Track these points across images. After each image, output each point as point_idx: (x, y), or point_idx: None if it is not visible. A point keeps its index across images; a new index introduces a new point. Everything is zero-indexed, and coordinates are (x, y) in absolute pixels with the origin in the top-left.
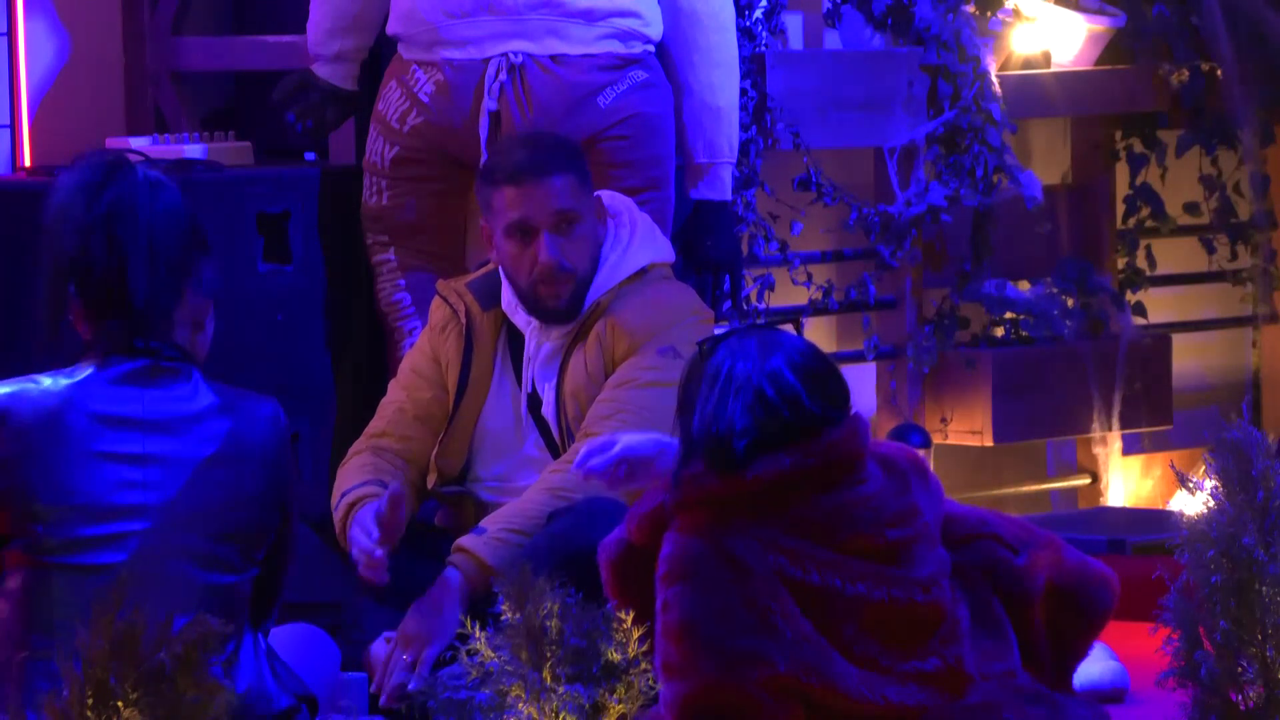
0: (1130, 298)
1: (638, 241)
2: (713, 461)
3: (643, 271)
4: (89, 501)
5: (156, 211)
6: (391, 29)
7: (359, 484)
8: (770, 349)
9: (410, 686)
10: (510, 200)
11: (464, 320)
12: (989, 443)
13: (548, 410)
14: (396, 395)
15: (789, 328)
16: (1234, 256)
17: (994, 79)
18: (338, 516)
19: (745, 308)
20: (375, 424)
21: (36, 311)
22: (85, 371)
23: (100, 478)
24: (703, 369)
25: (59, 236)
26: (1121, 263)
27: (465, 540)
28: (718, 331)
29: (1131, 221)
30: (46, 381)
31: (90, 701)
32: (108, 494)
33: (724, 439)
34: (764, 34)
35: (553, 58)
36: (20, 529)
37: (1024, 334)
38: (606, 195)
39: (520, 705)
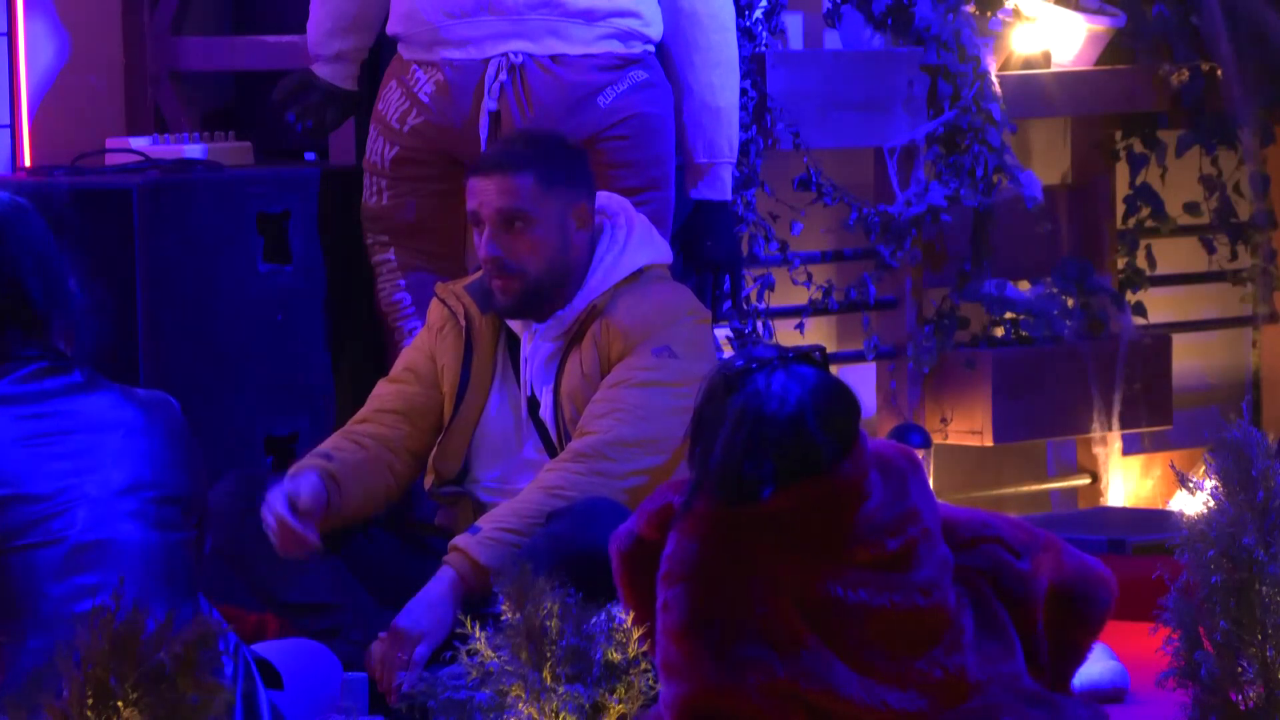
0: (1130, 298)
1: (634, 243)
2: (726, 495)
3: (639, 273)
4: (28, 489)
5: (35, 232)
6: (391, 29)
7: (309, 454)
8: (794, 392)
9: (404, 685)
10: (470, 190)
11: (463, 323)
12: (989, 443)
13: (545, 413)
14: (383, 388)
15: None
16: (1234, 256)
17: (994, 79)
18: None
19: (745, 308)
20: (359, 414)
21: None
22: None
23: (30, 462)
24: (725, 404)
25: None
26: (1121, 263)
27: (460, 539)
28: (717, 332)
29: (1131, 221)
30: None
31: (90, 701)
32: (42, 476)
33: (743, 480)
34: (764, 34)
35: (553, 58)
36: None
37: (1024, 334)
38: (603, 197)
39: (520, 705)
